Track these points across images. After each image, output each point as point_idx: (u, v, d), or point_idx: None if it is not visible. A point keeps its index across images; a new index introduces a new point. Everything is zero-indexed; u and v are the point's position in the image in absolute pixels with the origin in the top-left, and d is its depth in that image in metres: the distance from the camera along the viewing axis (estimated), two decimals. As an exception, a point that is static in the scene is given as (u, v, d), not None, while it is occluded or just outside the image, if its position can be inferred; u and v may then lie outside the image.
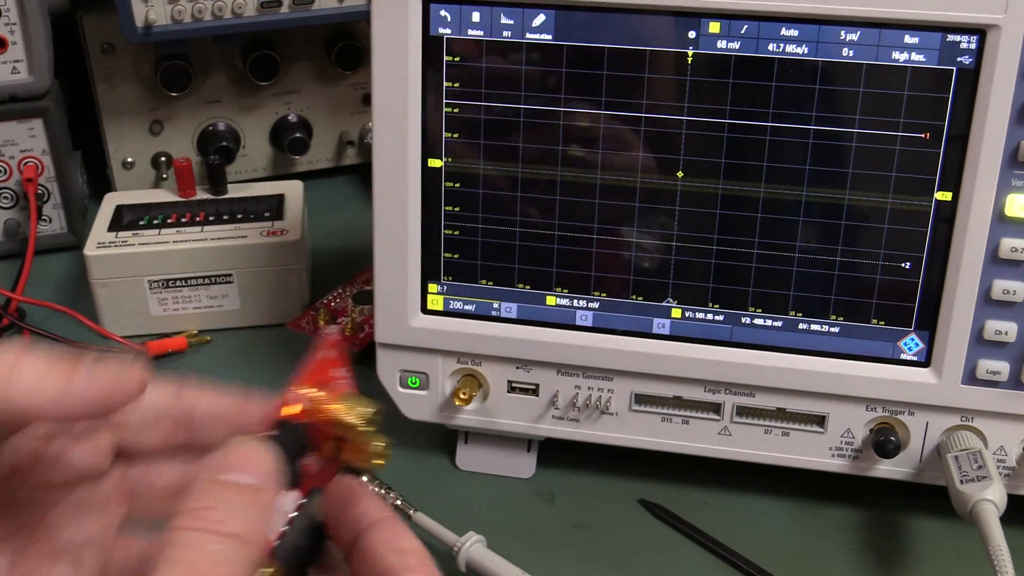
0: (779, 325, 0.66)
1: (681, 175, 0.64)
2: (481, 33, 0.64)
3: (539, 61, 0.64)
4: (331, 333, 0.48)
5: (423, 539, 0.66)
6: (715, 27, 0.61)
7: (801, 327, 0.66)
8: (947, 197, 0.62)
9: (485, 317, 0.69)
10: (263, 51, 1.00)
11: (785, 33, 0.61)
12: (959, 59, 0.59)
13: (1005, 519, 0.60)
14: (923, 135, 0.61)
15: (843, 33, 0.60)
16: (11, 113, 0.94)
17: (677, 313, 0.67)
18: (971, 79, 0.59)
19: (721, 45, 0.61)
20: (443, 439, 0.76)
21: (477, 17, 0.64)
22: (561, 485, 0.73)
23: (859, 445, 0.67)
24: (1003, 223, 0.61)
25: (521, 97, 0.65)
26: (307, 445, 0.41)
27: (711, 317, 0.67)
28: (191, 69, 0.99)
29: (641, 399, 0.69)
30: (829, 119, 0.62)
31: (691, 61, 0.62)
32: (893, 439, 0.65)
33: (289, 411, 0.41)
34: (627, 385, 0.69)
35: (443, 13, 0.64)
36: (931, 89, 0.60)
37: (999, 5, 0.57)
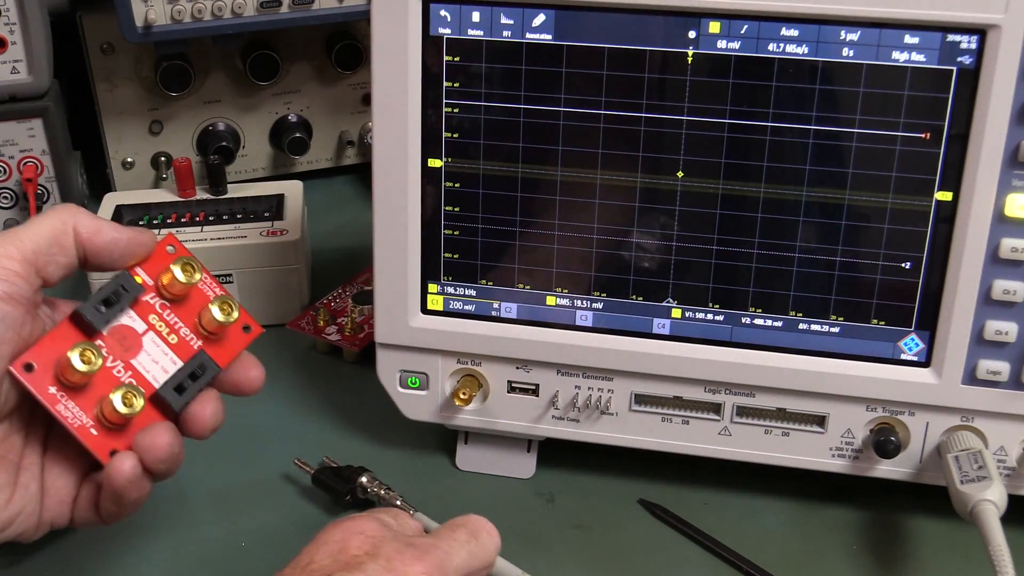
0: (779, 325, 0.66)
1: (681, 175, 0.64)
2: (481, 33, 0.64)
3: (539, 61, 0.64)
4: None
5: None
6: (715, 27, 0.61)
7: (801, 327, 0.66)
8: (947, 197, 0.62)
9: (485, 317, 0.69)
10: (263, 51, 1.00)
11: (785, 33, 0.61)
12: (959, 59, 0.59)
13: (1005, 519, 0.60)
14: (923, 135, 0.61)
15: (843, 33, 0.60)
16: (11, 113, 0.94)
17: (677, 313, 0.67)
18: (971, 79, 0.59)
19: (721, 45, 0.61)
20: (443, 439, 0.76)
21: (477, 17, 0.64)
22: (561, 485, 0.73)
23: (859, 445, 0.67)
24: (1003, 223, 0.61)
25: (521, 97, 0.65)
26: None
27: (711, 317, 0.67)
28: (191, 69, 0.99)
29: (641, 399, 0.69)
30: (829, 119, 0.62)
31: (691, 61, 0.62)
32: (893, 439, 0.65)
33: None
34: (627, 385, 0.69)
35: (443, 13, 0.64)
36: (931, 89, 0.60)
37: (999, 5, 0.57)
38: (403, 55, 0.64)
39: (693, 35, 0.62)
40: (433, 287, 0.69)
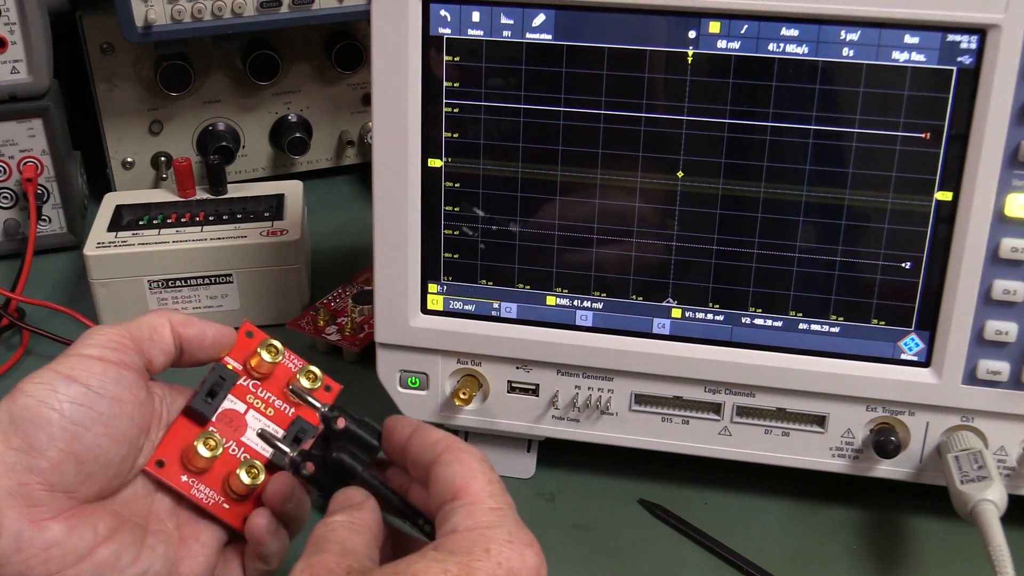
0: (779, 325, 0.66)
1: (681, 175, 0.64)
2: (481, 33, 0.64)
3: (539, 61, 0.64)
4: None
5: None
6: (715, 27, 0.61)
7: (801, 327, 0.66)
8: (947, 197, 0.62)
9: (485, 317, 0.69)
10: (263, 51, 1.00)
11: (785, 33, 0.61)
12: (959, 59, 0.59)
13: (1005, 519, 0.60)
14: (923, 135, 0.61)
15: (843, 33, 0.60)
16: (11, 113, 0.94)
17: (677, 313, 0.67)
18: (971, 79, 0.59)
19: (721, 45, 0.61)
20: (443, 439, 0.76)
21: (477, 17, 0.64)
22: (561, 485, 0.73)
23: (859, 445, 0.67)
24: (1003, 223, 0.61)
25: (521, 97, 0.65)
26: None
27: (711, 317, 0.67)
28: (191, 69, 0.99)
29: (641, 399, 0.69)
30: (829, 119, 0.62)
31: (691, 61, 0.62)
32: (893, 439, 0.65)
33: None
34: (627, 385, 0.69)
35: (443, 13, 0.64)
36: (931, 89, 0.60)
37: (999, 5, 0.57)
38: (403, 55, 0.64)
39: (693, 35, 0.62)
40: (433, 287, 0.69)
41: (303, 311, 0.88)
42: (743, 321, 0.66)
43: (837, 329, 0.65)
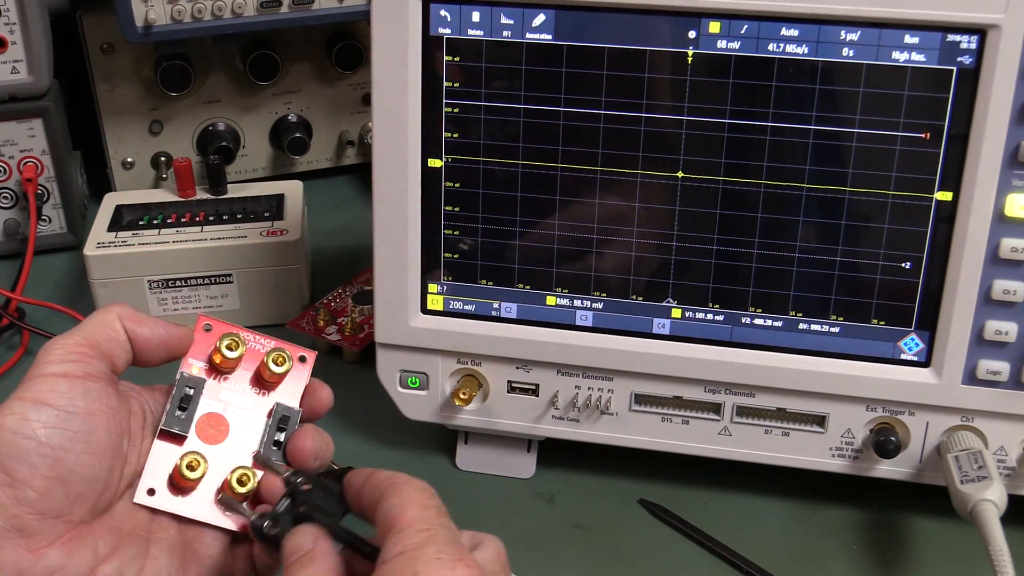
0: (779, 325, 0.66)
1: (681, 175, 0.64)
2: (481, 33, 0.64)
3: (539, 61, 0.64)
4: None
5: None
6: (715, 27, 0.61)
7: (801, 327, 0.66)
8: (947, 197, 0.62)
9: (485, 317, 0.69)
10: (263, 51, 1.00)
11: (785, 33, 0.61)
12: (959, 59, 0.59)
13: (1005, 519, 0.60)
14: (923, 135, 0.61)
15: (843, 33, 0.60)
16: (11, 113, 0.94)
17: (677, 313, 0.67)
18: (971, 79, 0.59)
19: (721, 45, 0.61)
20: (443, 439, 0.76)
21: (477, 17, 0.64)
22: (561, 485, 0.73)
23: (859, 445, 0.67)
24: (1003, 223, 0.61)
25: (521, 97, 0.65)
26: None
27: (711, 317, 0.67)
28: (191, 69, 0.99)
29: (641, 399, 0.69)
30: (829, 119, 0.62)
31: (691, 61, 0.62)
32: (893, 439, 0.65)
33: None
34: (627, 385, 0.69)
35: (443, 13, 0.64)
36: (931, 89, 0.60)
37: (999, 5, 0.57)
38: (403, 55, 0.64)
39: (693, 35, 0.62)
40: (433, 287, 0.69)
41: (303, 311, 0.88)
42: (743, 321, 0.66)
43: (837, 329, 0.65)
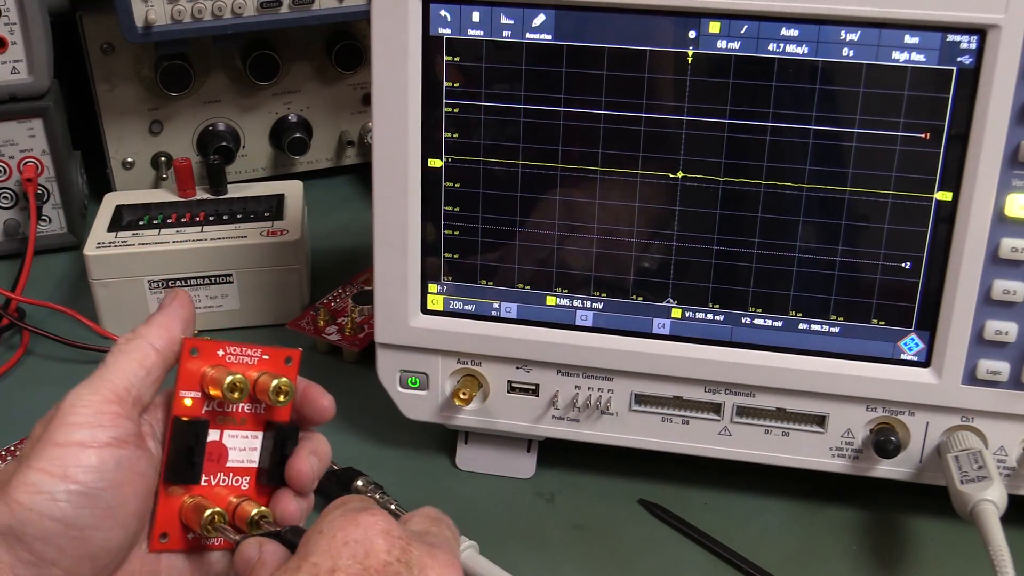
0: (779, 325, 0.66)
1: (681, 175, 0.64)
2: (481, 33, 0.64)
3: (539, 61, 0.64)
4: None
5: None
6: (715, 27, 0.61)
7: (801, 327, 0.66)
8: (947, 197, 0.62)
9: (485, 317, 0.69)
10: (263, 51, 1.00)
11: (785, 33, 0.61)
12: (959, 59, 0.59)
13: (1005, 519, 0.60)
14: (923, 135, 0.61)
15: (843, 33, 0.60)
16: (11, 113, 0.94)
17: (677, 313, 0.67)
18: (971, 79, 0.59)
19: (721, 45, 0.61)
20: (443, 439, 0.76)
21: (477, 17, 0.64)
22: (561, 485, 0.73)
23: (859, 445, 0.67)
24: (1003, 223, 0.61)
25: (521, 97, 0.65)
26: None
27: (711, 317, 0.67)
28: (191, 69, 0.99)
29: (641, 399, 0.69)
30: (829, 119, 0.62)
31: (691, 61, 0.62)
32: (893, 439, 0.65)
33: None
34: (627, 385, 0.69)
35: (443, 13, 0.64)
36: (931, 89, 0.60)
37: (999, 5, 0.57)
38: (403, 55, 0.64)
39: (693, 35, 0.62)
40: (433, 287, 0.69)
41: (303, 311, 0.88)
42: (743, 321, 0.66)
43: (837, 329, 0.65)
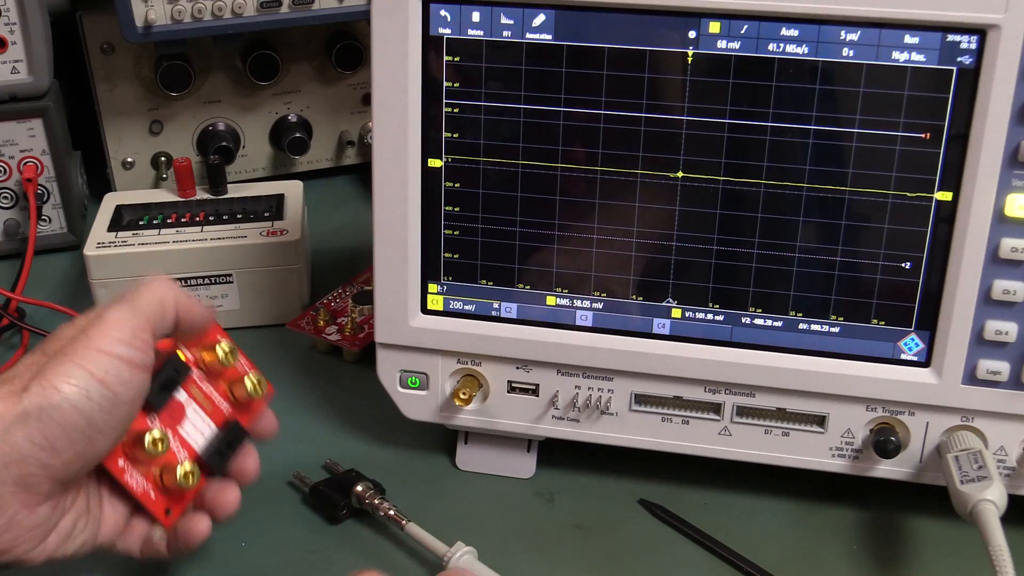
0: (779, 325, 0.66)
1: (681, 175, 0.64)
2: (481, 33, 0.64)
3: (539, 61, 0.64)
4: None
5: (415, 550, 0.67)
6: (715, 27, 0.61)
7: (801, 327, 0.66)
8: (947, 197, 0.62)
9: (485, 317, 0.69)
10: (263, 51, 1.00)
11: (785, 33, 0.61)
12: (959, 59, 0.59)
13: (1005, 519, 0.60)
14: (923, 135, 0.61)
15: (843, 33, 0.60)
16: (11, 113, 0.94)
17: (677, 313, 0.67)
18: (971, 79, 0.59)
19: (721, 45, 0.61)
20: (443, 439, 0.76)
21: (477, 17, 0.64)
22: (561, 485, 0.73)
23: (859, 445, 0.67)
24: (1003, 223, 0.61)
25: (521, 97, 0.65)
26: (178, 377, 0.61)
27: (711, 317, 0.67)
28: (191, 69, 0.99)
29: (641, 399, 0.69)
30: (829, 119, 0.62)
31: (691, 61, 0.62)
32: (893, 439, 0.65)
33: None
34: (627, 385, 0.69)
35: (443, 13, 0.64)
36: (931, 89, 0.60)
37: (999, 5, 0.57)
38: (403, 55, 0.64)
39: (693, 35, 0.62)
40: (433, 287, 0.69)
41: (303, 311, 0.88)
42: (743, 321, 0.66)
43: (837, 329, 0.65)
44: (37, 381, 0.53)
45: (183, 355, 0.61)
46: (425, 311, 0.70)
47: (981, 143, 0.60)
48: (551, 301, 0.68)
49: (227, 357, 0.62)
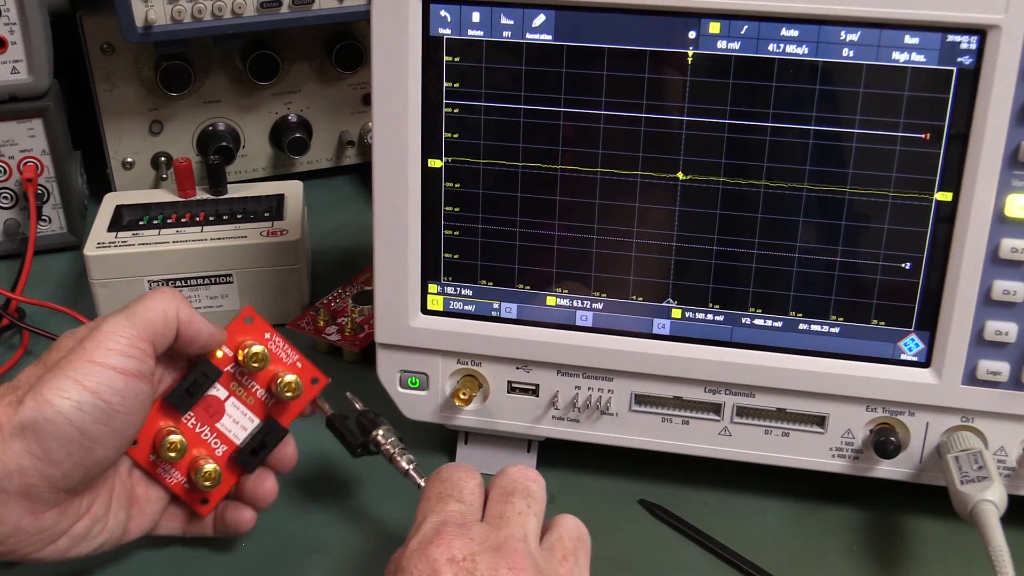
0: (779, 325, 0.66)
1: (681, 175, 0.64)
2: (481, 33, 0.64)
3: (539, 61, 0.64)
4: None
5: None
6: (715, 27, 0.61)
7: (801, 327, 0.66)
8: (947, 197, 0.62)
9: (485, 317, 0.69)
10: (263, 51, 1.00)
11: (785, 33, 0.61)
12: (959, 59, 0.59)
13: (1005, 519, 0.60)
14: (923, 135, 0.61)
15: (843, 33, 0.60)
16: (11, 113, 0.94)
17: (677, 313, 0.67)
18: (971, 79, 0.59)
19: (721, 45, 0.61)
20: (443, 439, 0.76)
21: (477, 17, 0.64)
22: (561, 485, 0.73)
23: (859, 445, 0.67)
24: (1003, 223, 0.61)
25: (521, 97, 0.65)
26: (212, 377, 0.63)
27: (711, 317, 0.67)
28: (191, 69, 0.99)
29: (641, 399, 0.69)
30: (829, 119, 0.62)
31: (691, 61, 0.62)
32: (893, 439, 0.65)
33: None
34: (627, 385, 0.69)
35: (443, 13, 0.64)
36: (931, 89, 0.60)
37: (999, 5, 0.57)
38: (403, 55, 0.64)
39: (693, 35, 0.62)
40: (433, 287, 0.69)
41: (303, 311, 0.88)
42: (743, 321, 0.66)
43: (837, 329, 0.65)
44: (32, 395, 0.55)
45: (222, 352, 0.63)
46: (425, 311, 0.70)
47: (981, 143, 0.60)
48: (551, 301, 0.68)
49: (260, 359, 0.64)
